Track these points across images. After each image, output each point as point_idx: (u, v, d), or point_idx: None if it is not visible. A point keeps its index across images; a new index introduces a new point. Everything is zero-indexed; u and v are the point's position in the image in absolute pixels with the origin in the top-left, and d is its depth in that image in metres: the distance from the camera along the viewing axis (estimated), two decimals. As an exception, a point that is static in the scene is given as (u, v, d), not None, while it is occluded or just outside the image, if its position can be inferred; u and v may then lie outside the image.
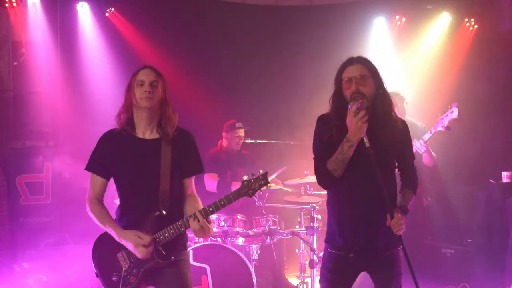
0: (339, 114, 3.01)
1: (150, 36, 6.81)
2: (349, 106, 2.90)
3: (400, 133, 3.10)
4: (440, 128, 4.91)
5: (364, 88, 2.97)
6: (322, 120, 3.12)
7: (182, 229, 3.02)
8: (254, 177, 3.03)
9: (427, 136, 5.07)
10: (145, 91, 3.05)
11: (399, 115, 5.26)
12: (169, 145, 3.12)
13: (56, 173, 6.43)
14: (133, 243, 3.00)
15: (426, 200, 6.32)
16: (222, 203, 2.99)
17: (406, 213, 3.02)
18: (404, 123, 3.19)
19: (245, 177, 3.03)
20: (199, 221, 2.96)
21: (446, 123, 4.86)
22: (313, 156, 3.13)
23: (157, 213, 3.04)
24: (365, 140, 2.87)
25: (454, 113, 4.80)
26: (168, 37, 6.87)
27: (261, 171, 3.05)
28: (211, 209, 2.98)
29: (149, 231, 3.03)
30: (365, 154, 2.90)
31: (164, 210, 3.05)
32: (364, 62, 3.07)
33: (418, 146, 5.12)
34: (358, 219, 3.02)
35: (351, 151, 2.91)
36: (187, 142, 3.20)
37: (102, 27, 6.76)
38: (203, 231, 2.99)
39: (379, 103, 3.00)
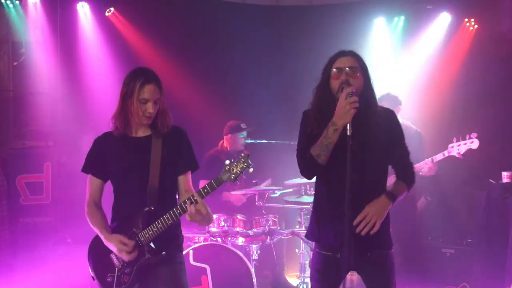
0: (321, 106, 2.98)
1: (150, 36, 6.81)
2: (344, 88, 2.86)
3: (387, 128, 3.01)
4: (454, 154, 4.87)
5: (353, 80, 2.92)
6: (306, 114, 3.10)
7: (170, 222, 2.98)
8: (235, 161, 2.96)
9: (438, 157, 5.03)
10: (148, 111, 3.03)
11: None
12: (160, 141, 3.11)
13: (56, 173, 6.43)
14: (116, 249, 3.00)
15: (426, 200, 6.32)
16: (205, 190, 2.94)
17: (393, 200, 2.92)
18: (392, 114, 3.10)
19: (226, 162, 2.97)
20: (197, 202, 2.89)
21: (463, 151, 4.82)
22: (296, 149, 3.09)
23: (146, 209, 3.03)
24: (348, 127, 2.78)
25: (474, 144, 4.78)
26: (168, 37, 6.87)
27: (242, 154, 2.99)
28: (195, 199, 2.93)
29: (138, 228, 3.02)
30: (350, 148, 2.81)
31: (153, 206, 3.03)
32: (355, 56, 3.03)
33: (424, 167, 5.05)
34: (341, 216, 2.88)
35: (336, 136, 2.83)
36: (179, 139, 3.18)
37: (102, 27, 6.76)
38: (201, 214, 2.90)
39: (365, 99, 2.93)
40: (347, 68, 2.94)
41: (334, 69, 2.98)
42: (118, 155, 3.13)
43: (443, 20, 7.08)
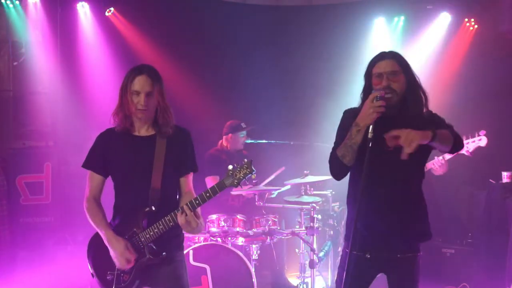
0: None
1: (150, 36, 6.81)
2: (373, 91, 2.84)
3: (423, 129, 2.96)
4: (463, 152, 4.92)
5: (395, 84, 2.88)
6: (347, 113, 3.06)
7: (171, 223, 2.99)
8: (238, 166, 2.98)
9: (448, 155, 5.07)
10: (141, 104, 3.02)
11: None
12: (164, 142, 3.10)
13: (56, 173, 6.44)
14: (119, 253, 3.00)
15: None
16: (208, 195, 2.95)
17: (433, 135, 2.76)
18: (436, 116, 3.04)
19: (230, 167, 2.98)
20: (186, 214, 2.93)
21: (471, 148, 4.86)
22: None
23: (147, 209, 3.03)
24: (370, 129, 2.78)
25: (483, 141, 4.83)
26: (168, 37, 6.88)
27: (246, 160, 3.01)
28: (197, 202, 2.95)
29: (139, 228, 3.03)
30: (386, 150, 2.86)
31: (154, 206, 3.03)
32: (395, 57, 2.94)
33: (436, 165, 5.11)
34: (374, 216, 2.94)
35: (360, 136, 2.81)
36: (184, 140, 3.18)
37: (102, 27, 6.76)
38: (190, 226, 2.95)
39: (410, 100, 2.92)
40: (388, 71, 2.89)
41: (375, 74, 2.93)
42: (121, 154, 3.12)
43: (443, 20, 7.08)
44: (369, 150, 2.75)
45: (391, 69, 2.90)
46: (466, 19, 6.97)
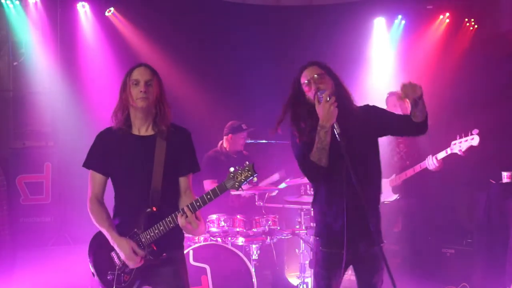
0: (301, 115, 3.20)
1: (150, 36, 6.81)
2: (319, 95, 3.03)
3: (367, 119, 3.17)
4: (456, 151, 4.91)
5: (323, 85, 3.11)
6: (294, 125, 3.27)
7: (171, 225, 2.99)
8: (240, 169, 2.98)
9: (441, 155, 5.07)
10: (141, 91, 3.02)
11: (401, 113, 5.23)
12: (164, 142, 3.09)
13: (56, 173, 6.43)
14: (125, 255, 3.00)
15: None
16: (208, 197, 2.95)
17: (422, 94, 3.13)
18: (366, 107, 3.28)
19: (231, 169, 2.98)
20: (187, 216, 2.94)
21: (464, 148, 4.85)
22: (297, 161, 3.20)
23: (148, 210, 3.02)
24: (336, 126, 2.97)
25: (475, 140, 4.80)
26: (168, 37, 6.87)
27: (247, 162, 3.01)
28: (198, 204, 2.95)
29: (140, 228, 3.03)
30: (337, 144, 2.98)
31: (155, 207, 3.02)
32: (316, 63, 3.23)
33: (430, 163, 5.13)
34: (343, 213, 3.07)
35: (328, 137, 2.99)
36: (183, 140, 3.18)
37: (102, 27, 6.76)
38: (192, 228, 2.96)
39: (341, 97, 3.10)
40: (314, 76, 3.14)
41: (304, 83, 3.18)
42: (121, 153, 3.11)
43: (443, 20, 7.08)
44: (343, 145, 2.93)
45: (316, 73, 3.15)
46: (466, 19, 6.98)
